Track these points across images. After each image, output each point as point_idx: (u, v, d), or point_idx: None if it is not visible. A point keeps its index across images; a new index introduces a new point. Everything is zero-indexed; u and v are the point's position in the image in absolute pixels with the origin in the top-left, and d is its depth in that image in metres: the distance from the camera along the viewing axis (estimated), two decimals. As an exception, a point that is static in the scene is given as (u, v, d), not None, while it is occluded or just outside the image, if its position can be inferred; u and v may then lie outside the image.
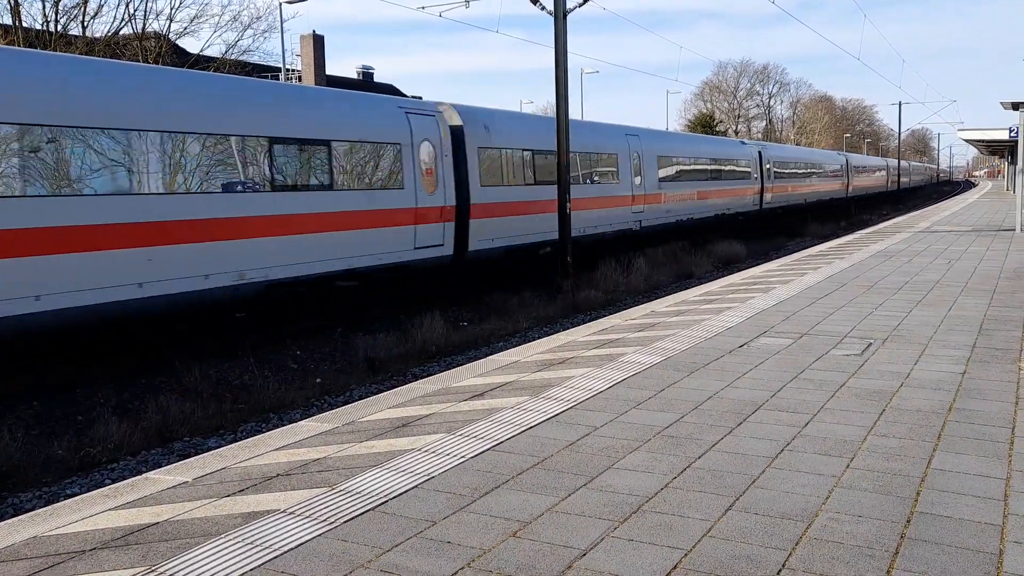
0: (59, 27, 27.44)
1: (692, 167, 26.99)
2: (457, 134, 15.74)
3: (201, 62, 30.22)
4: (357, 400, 8.66)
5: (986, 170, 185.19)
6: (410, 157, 14.35)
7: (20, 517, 4.24)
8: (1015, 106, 23.25)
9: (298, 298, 12.73)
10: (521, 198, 17.51)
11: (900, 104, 70.83)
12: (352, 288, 13.48)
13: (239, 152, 11.51)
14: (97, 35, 28.92)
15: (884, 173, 65.45)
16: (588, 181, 20.50)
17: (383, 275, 13.84)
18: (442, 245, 15.02)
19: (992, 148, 61.12)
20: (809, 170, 40.74)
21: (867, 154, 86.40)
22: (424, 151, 14.70)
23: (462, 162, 15.70)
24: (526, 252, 17.64)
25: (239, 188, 11.53)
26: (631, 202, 22.44)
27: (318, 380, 10.71)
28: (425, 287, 15.17)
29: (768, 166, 33.84)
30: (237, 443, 5.44)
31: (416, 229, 14.33)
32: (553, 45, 16.86)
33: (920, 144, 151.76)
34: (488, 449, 5.08)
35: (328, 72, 47.45)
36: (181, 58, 30.21)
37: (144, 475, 4.84)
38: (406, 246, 14.12)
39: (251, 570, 3.55)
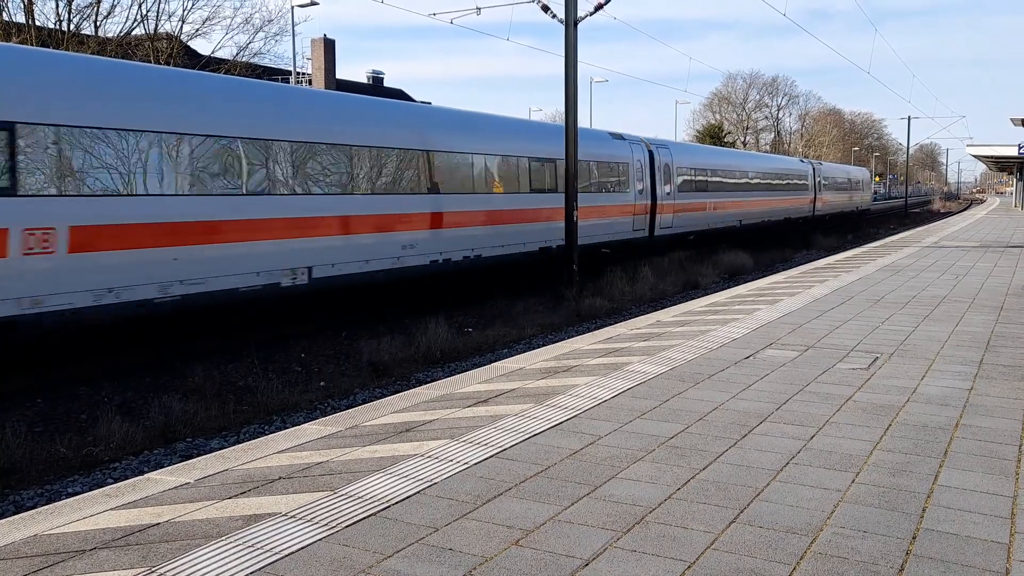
0: (72, 26, 27.57)
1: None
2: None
3: (212, 64, 30.30)
4: (361, 404, 8.66)
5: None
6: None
7: (21, 515, 4.22)
8: (1025, 123, 23.21)
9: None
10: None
11: (909, 119, 70.04)
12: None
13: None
14: (109, 35, 29.06)
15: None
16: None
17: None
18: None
19: (1001, 164, 61.04)
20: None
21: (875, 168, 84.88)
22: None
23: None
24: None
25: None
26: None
27: (322, 383, 10.70)
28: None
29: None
30: (240, 445, 5.43)
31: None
32: (563, 53, 16.89)
33: (929, 159, 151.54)
34: (491, 456, 5.06)
35: (338, 76, 47.51)
36: (192, 60, 30.30)
37: (146, 475, 4.83)
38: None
39: (251, 573, 3.53)
